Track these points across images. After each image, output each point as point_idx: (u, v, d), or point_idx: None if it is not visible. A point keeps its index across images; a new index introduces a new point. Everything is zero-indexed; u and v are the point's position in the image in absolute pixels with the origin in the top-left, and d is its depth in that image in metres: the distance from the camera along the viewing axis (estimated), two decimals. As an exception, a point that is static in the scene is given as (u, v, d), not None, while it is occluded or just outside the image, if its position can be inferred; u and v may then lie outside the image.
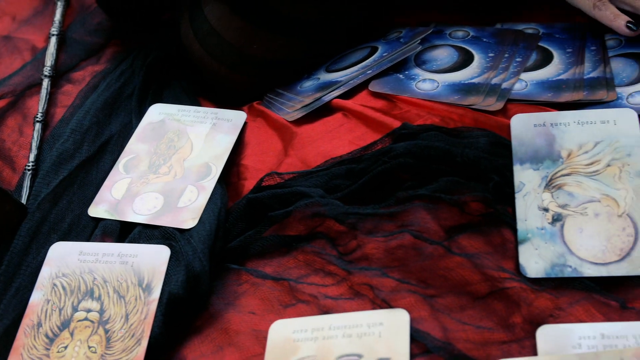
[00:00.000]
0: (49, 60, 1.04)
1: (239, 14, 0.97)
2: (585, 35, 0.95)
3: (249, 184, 0.88)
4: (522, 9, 1.03)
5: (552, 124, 0.82)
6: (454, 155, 0.78)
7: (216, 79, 1.01)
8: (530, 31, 0.98)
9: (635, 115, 0.81)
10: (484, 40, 0.97)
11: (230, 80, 1.00)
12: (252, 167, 0.90)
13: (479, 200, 0.76)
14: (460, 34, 0.99)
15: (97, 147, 0.93)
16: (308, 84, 0.98)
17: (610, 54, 0.92)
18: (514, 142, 0.81)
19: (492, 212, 0.76)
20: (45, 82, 1.01)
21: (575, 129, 0.81)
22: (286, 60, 0.99)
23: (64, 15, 1.12)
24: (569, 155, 0.79)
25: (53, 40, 1.07)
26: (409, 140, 0.81)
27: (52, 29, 1.08)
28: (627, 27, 0.88)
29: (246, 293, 0.78)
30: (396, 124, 0.85)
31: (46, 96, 1.00)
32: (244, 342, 0.73)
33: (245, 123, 0.95)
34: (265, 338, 0.73)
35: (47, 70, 1.02)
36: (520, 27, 0.99)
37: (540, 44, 0.95)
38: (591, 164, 0.78)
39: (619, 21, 0.89)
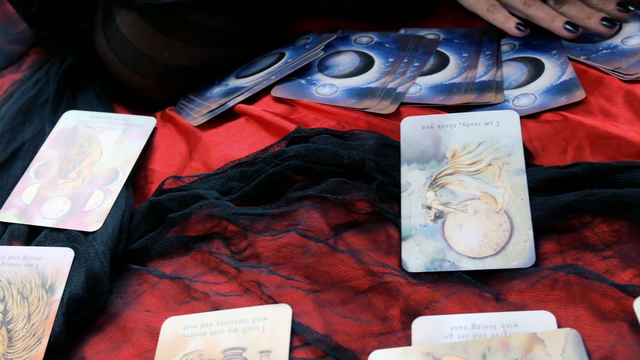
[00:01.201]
0: (-32, 69, 1.07)
1: (149, 23, 1.00)
2: (483, 40, 1.00)
3: (155, 188, 0.91)
4: (429, 14, 1.08)
5: (439, 126, 0.86)
6: (341, 156, 0.82)
7: (130, 86, 1.05)
8: (431, 37, 1.02)
9: (517, 116, 0.85)
10: (387, 45, 1.01)
11: (143, 88, 1.04)
12: (158, 171, 0.93)
13: (364, 199, 0.80)
14: (364, 39, 1.03)
15: (9, 153, 0.96)
16: (217, 90, 1.01)
17: (504, 58, 0.96)
18: (403, 144, 0.85)
19: (377, 211, 0.79)
20: (-36, 91, 1.04)
21: (460, 130, 0.85)
22: (197, 67, 1.03)
23: (-15, 25, 1.15)
24: (453, 155, 0.83)
25: (-27, 49, 1.10)
26: (301, 143, 0.85)
27: (-27, 39, 1.11)
28: (517, 28, 0.93)
29: (145, 292, 0.81)
30: (294, 127, 0.89)
31: (-36, 105, 1.03)
32: (138, 339, 0.77)
33: (155, 128, 0.98)
34: (158, 334, 0.76)
35: (-35, 80, 1.05)
36: (423, 32, 1.04)
37: (439, 48, 0.99)
38: (473, 163, 0.82)
39: (510, 23, 0.94)
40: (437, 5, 1.08)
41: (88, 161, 0.94)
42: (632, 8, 0.94)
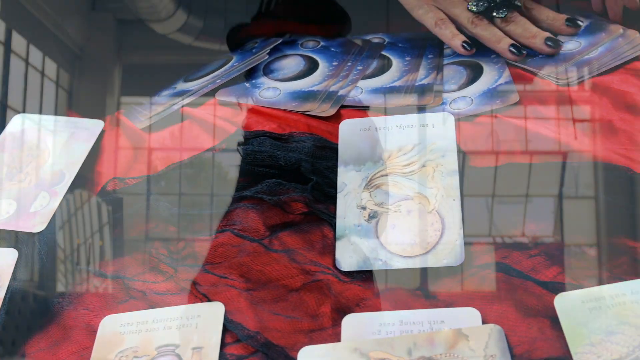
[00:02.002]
0: None
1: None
2: (426, 44, 1.02)
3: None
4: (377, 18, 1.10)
5: (376, 128, 0.88)
6: (278, 158, 0.84)
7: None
8: (376, 41, 1.04)
9: (452, 119, 0.87)
10: (332, 49, 1.03)
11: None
12: (104, 173, 0.95)
13: (299, 200, 0.82)
14: (311, 44, 1.05)
15: (-42, 156, 0.97)
16: (165, 93, 1.03)
17: (446, 61, 0.98)
18: (341, 146, 0.87)
19: (312, 211, 0.81)
20: None
21: (397, 132, 0.87)
22: (147, 70, 1.05)
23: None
24: (389, 157, 0.85)
25: None
26: (241, 145, 0.87)
27: None
28: (463, 46, 0.95)
29: (88, 292, 0.83)
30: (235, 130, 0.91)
31: None
32: (76, 337, 0.78)
33: (103, 131, 1.00)
34: (96, 332, 0.78)
35: None
36: (369, 36, 1.06)
37: (383, 52, 1.01)
38: (408, 164, 0.84)
39: (456, 40, 0.96)
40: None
41: (35, 163, 0.96)
42: (581, 23, 0.95)
